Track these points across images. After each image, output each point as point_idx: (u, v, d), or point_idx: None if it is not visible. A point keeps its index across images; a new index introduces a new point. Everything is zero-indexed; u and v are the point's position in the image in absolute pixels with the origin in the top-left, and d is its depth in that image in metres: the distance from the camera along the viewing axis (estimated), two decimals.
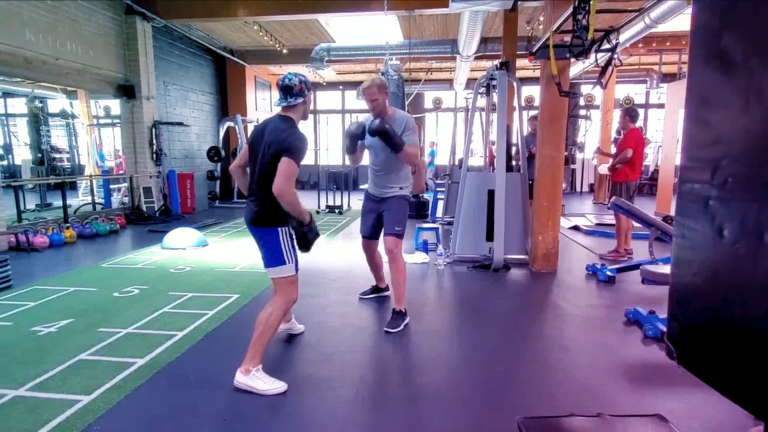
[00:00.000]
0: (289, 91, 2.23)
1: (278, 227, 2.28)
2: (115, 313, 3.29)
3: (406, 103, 9.08)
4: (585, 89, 11.85)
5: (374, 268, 3.61)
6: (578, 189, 13.61)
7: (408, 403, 2.18)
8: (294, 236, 2.31)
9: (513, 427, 1.75)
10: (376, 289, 3.70)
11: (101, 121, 10.94)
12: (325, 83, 14.06)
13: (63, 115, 10.40)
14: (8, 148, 12.27)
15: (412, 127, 3.02)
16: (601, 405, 2.09)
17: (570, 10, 3.56)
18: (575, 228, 6.99)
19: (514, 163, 6.26)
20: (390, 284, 3.38)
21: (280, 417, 2.05)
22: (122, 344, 2.77)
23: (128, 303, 3.53)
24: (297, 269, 2.34)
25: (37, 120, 10.02)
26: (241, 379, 2.24)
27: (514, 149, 6.53)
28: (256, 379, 2.23)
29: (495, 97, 4.99)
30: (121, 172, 9.42)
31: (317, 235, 2.33)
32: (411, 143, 2.99)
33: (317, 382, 2.36)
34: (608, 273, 4.16)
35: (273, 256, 2.29)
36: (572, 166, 13.28)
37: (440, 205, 7.71)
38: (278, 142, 2.18)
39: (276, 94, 2.38)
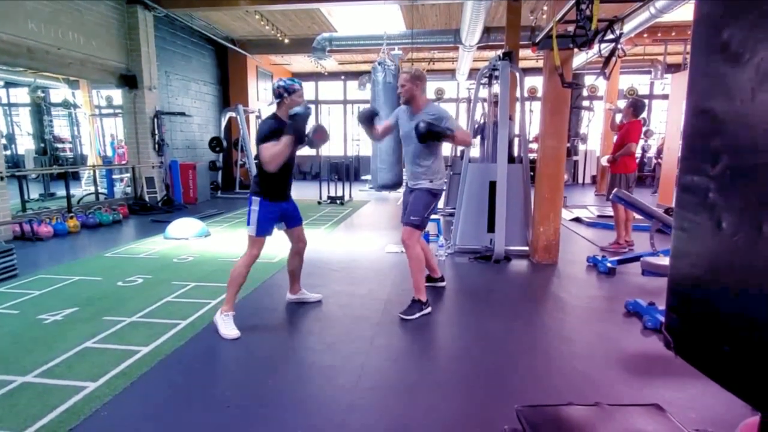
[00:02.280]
0: (273, 93, 2.88)
1: (252, 196, 2.86)
2: (119, 302, 3.32)
3: None
4: (588, 80, 11.77)
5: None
6: (580, 181, 13.56)
7: (408, 391, 2.21)
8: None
9: (512, 415, 1.77)
10: (428, 279, 3.66)
11: (103, 111, 10.91)
12: (326, 73, 13.96)
13: (65, 105, 10.38)
14: (11, 138, 12.27)
15: (448, 116, 3.06)
16: (599, 394, 2.12)
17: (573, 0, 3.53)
18: (577, 220, 6.99)
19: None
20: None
21: (283, 404, 2.08)
22: (127, 332, 2.81)
23: (132, 292, 3.56)
24: (259, 234, 2.84)
25: (40, 110, 10.01)
26: (216, 316, 2.85)
27: (516, 140, 6.51)
28: (222, 321, 2.79)
29: (497, 88, 4.97)
30: (123, 162, 9.43)
31: (320, 130, 3.18)
32: (457, 128, 3.04)
33: (320, 370, 2.40)
34: (609, 264, 4.17)
35: (247, 217, 2.89)
36: (574, 158, 13.22)
37: (441, 195, 7.68)
38: (256, 136, 2.85)
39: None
